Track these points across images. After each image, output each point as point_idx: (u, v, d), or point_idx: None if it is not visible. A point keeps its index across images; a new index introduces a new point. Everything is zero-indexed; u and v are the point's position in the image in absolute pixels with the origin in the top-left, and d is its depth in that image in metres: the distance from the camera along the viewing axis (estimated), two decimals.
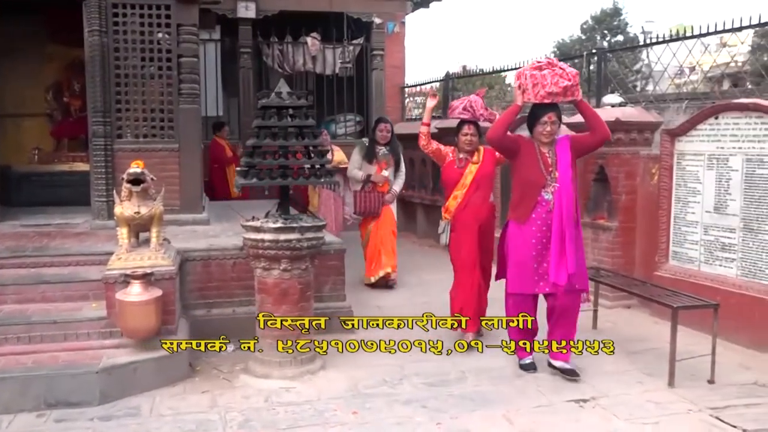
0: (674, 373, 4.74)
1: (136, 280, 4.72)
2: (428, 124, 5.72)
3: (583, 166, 7.40)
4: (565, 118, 5.83)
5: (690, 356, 4.93)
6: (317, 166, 5.03)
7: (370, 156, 7.64)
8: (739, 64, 8.23)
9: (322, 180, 5.09)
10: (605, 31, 37.63)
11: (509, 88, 21.34)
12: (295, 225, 4.84)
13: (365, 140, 7.87)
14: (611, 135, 6.80)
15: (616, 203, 7.02)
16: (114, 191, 5.58)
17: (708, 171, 6.08)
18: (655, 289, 5.55)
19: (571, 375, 4.84)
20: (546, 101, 4.70)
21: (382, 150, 7.66)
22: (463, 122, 5.61)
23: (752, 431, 4.04)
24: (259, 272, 4.94)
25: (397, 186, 7.78)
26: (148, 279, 4.78)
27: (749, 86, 8.04)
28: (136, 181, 5.03)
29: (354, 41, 11.88)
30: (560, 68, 4.69)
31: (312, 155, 5.03)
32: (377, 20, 11.74)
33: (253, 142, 4.92)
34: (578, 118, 5.48)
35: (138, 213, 5.06)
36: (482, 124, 5.67)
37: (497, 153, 5.40)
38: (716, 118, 6.02)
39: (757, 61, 14.52)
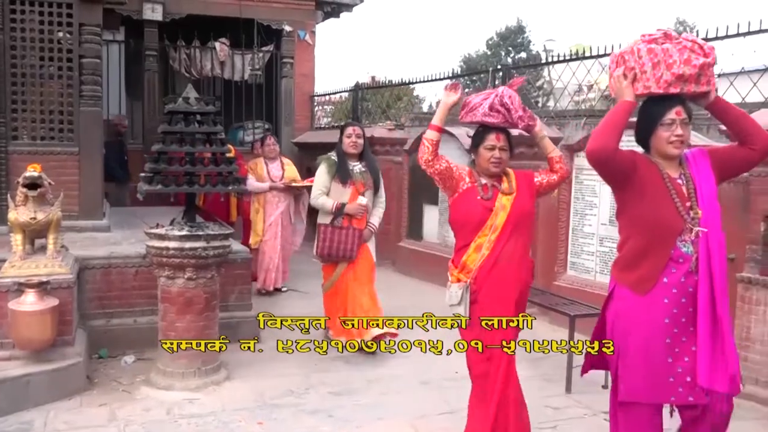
0: (571, 379, 4.94)
1: (30, 289, 4.52)
2: (440, 130, 3.73)
3: None
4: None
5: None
6: (225, 174, 4.96)
7: (343, 175, 5.69)
8: None
9: (230, 188, 5.03)
10: (510, 48, 38.87)
11: (417, 100, 21.65)
12: (201, 233, 4.76)
13: (331, 154, 5.84)
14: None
15: None
16: (8, 195, 5.33)
17: (604, 185, 6.34)
18: (554, 298, 5.77)
19: None
20: (671, 91, 3.06)
21: (357, 166, 5.79)
22: (487, 129, 3.69)
23: None
24: (163, 281, 4.82)
25: (377, 217, 5.93)
26: (43, 288, 4.59)
27: (641, 105, 8.48)
28: (32, 185, 4.82)
29: (264, 48, 11.80)
30: (688, 40, 3.11)
31: (220, 162, 4.96)
32: (288, 28, 11.70)
33: (159, 148, 4.81)
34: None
35: (34, 218, 4.84)
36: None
37: (543, 178, 3.81)
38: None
39: None
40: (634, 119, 3.21)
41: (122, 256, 5.66)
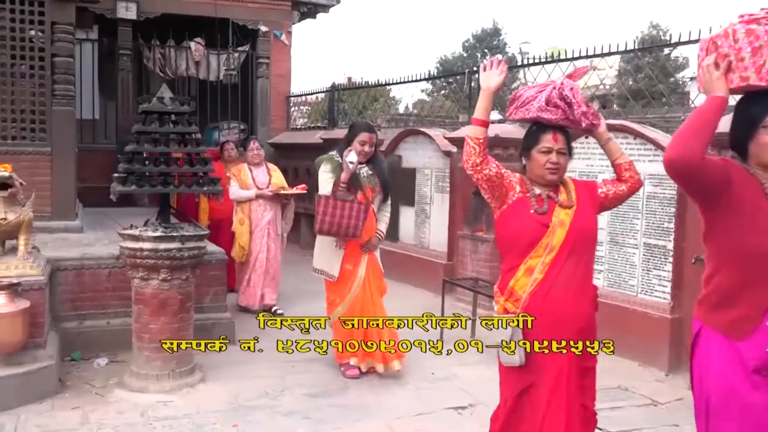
0: None
1: (1, 291, 4.45)
2: (486, 124, 3.09)
3: (464, 180, 7.66)
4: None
5: None
6: (200, 174, 4.93)
7: (351, 181, 5.04)
8: (608, 87, 8.77)
9: (205, 189, 5.00)
10: (485, 50, 39.09)
11: (393, 101, 21.67)
12: (175, 234, 4.72)
13: (333, 154, 5.19)
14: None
15: (494, 216, 7.26)
16: None
17: None
18: None
19: None
20: None
21: (363, 169, 5.12)
22: (542, 128, 3.08)
23: None
24: (137, 282, 4.78)
25: (385, 224, 5.31)
26: (14, 290, 4.52)
27: (616, 108, 8.58)
28: (3, 185, 4.75)
29: (239, 48, 11.74)
30: None
31: (195, 163, 4.93)
32: (263, 28, 11.66)
33: (133, 148, 4.77)
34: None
35: (4, 219, 4.77)
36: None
37: (609, 189, 3.17)
38: (587, 137, 6.35)
39: (623, 85, 15.50)
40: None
41: (95, 257, 5.60)
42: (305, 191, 7.19)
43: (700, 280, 2.65)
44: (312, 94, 12.89)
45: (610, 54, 6.86)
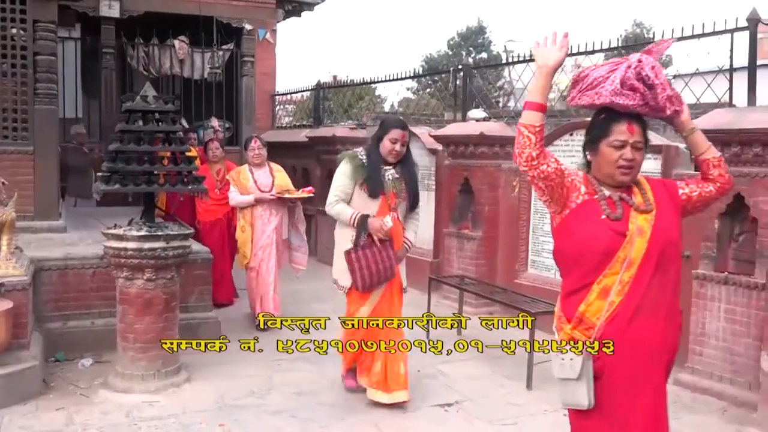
0: (532, 376, 4.99)
1: None
2: (544, 108, 2.55)
3: (449, 178, 7.67)
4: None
5: (547, 360, 5.18)
6: (184, 173, 4.90)
7: (373, 185, 4.44)
8: None
9: (190, 187, 4.97)
10: (470, 48, 39.15)
11: (378, 99, 21.67)
12: (160, 233, 4.69)
13: (359, 151, 4.57)
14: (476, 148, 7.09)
15: (480, 214, 7.30)
16: None
17: None
18: (515, 295, 5.83)
19: None
20: None
21: (389, 172, 4.52)
22: (613, 116, 2.55)
23: None
24: (122, 282, 4.75)
25: (413, 232, 4.75)
26: None
27: None
28: None
29: (224, 47, 11.69)
30: None
31: (179, 162, 4.90)
32: (248, 26, 11.62)
33: (117, 147, 4.73)
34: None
35: None
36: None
37: (693, 190, 2.67)
38: (571, 134, 6.41)
39: None
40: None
41: (79, 257, 5.56)
42: (312, 194, 6.63)
43: (685, 276, 2.69)
44: (297, 92, 12.86)
45: (594, 52, 6.89)
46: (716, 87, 5.80)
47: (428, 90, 29.52)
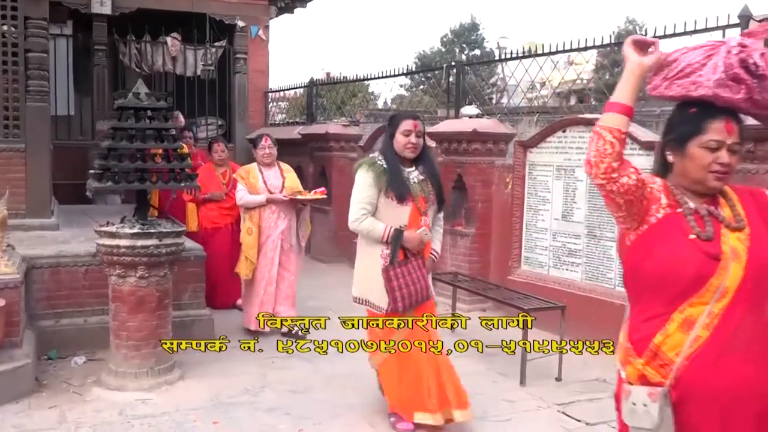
0: (525, 372, 5.00)
1: None
2: (632, 112, 2.16)
3: (442, 174, 7.65)
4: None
5: (540, 356, 5.21)
6: (177, 170, 4.89)
7: (398, 188, 3.98)
8: (585, 81, 8.82)
9: (182, 185, 4.96)
10: (463, 45, 39.16)
11: (372, 97, 21.65)
12: (153, 230, 4.68)
13: (376, 156, 4.13)
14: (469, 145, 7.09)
15: (473, 211, 7.31)
16: None
17: (557, 181, 6.47)
18: (508, 292, 5.84)
19: None
20: None
21: (413, 174, 4.06)
22: (708, 110, 2.15)
23: (594, 424, 4.34)
24: (114, 280, 4.73)
25: (439, 242, 4.36)
26: None
27: (593, 102, 8.64)
28: None
29: (216, 43, 11.65)
30: None
31: (172, 159, 4.89)
32: (241, 23, 11.57)
33: (109, 144, 4.72)
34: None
35: None
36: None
37: None
38: (564, 131, 6.42)
39: (600, 80, 15.62)
40: None
41: (71, 254, 5.54)
42: (324, 196, 6.23)
43: None
44: (290, 89, 12.84)
45: (586, 49, 6.90)
46: None
47: (421, 87, 29.54)
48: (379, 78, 10.05)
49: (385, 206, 3.98)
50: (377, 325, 4.09)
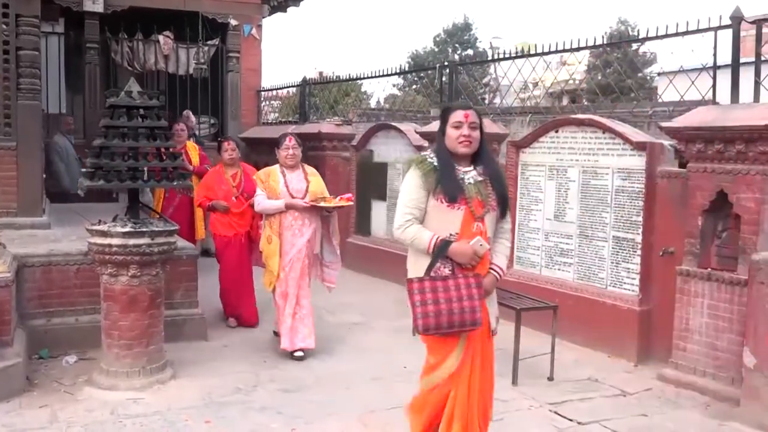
0: (518, 372, 5.01)
1: None
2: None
3: None
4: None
5: (532, 355, 5.22)
6: (169, 169, 4.88)
7: (450, 189, 3.35)
8: (577, 81, 8.84)
9: (175, 183, 4.95)
10: (456, 45, 39.17)
11: (365, 96, 21.65)
12: (145, 229, 4.67)
13: (427, 154, 3.50)
14: None
15: None
16: None
17: (549, 181, 6.48)
18: (500, 292, 5.80)
19: None
20: None
21: (470, 173, 3.41)
22: None
23: (586, 423, 4.35)
24: (106, 279, 4.72)
25: (504, 255, 3.54)
26: None
27: (585, 103, 8.66)
28: None
29: (209, 42, 11.62)
30: None
31: (164, 157, 4.88)
32: (233, 22, 11.54)
33: (101, 143, 4.70)
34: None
35: None
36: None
37: None
38: (556, 131, 6.43)
39: (592, 80, 15.66)
40: None
41: (63, 253, 5.52)
42: (351, 203, 5.83)
43: (669, 272, 2.67)
44: (283, 88, 12.83)
45: (579, 49, 6.92)
46: (700, 85, 5.85)
47: (414, 86, 29.55)
48: (372, 77, 10.05)
49: (435, 211, 3.36)
50: (434, 349, 3.40)
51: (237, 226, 6.34)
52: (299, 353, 5.42)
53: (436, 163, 3.39)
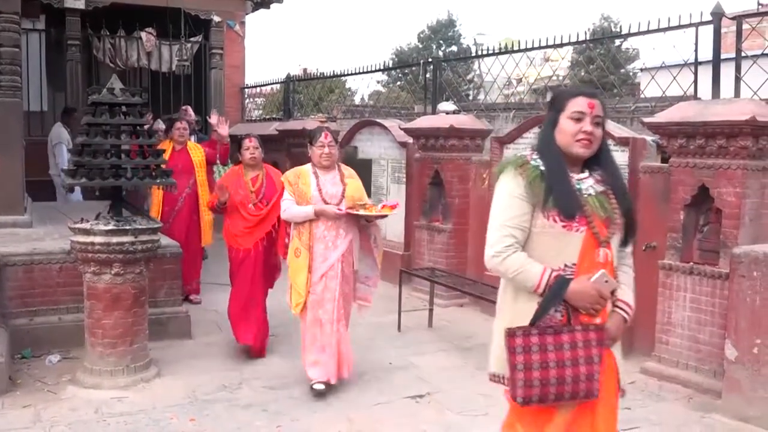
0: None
1: None
2: None
3: (420, 171, 7.69)
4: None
5: None
6: (152, 167, 4.86)
7: (566, 201, 2.47)
8: (560, 77, 8.88)
9: (158, 181, 4.93)
10: (440, 41, 39.21)
11: (349, 92, 21.62)
12: (128, 227, 4.65)
13: (528, 154, 2.63)
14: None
15: (451, 206, 7.33)
16: None
17: None
18: (485, 287, 5.86)
19: None
20: None
21: (587, 182, 2.55)
22: None
23: None
24: (89, 277, 4.69)
25: (630, 290, 2.71)
26: None
27: None
28: None
29: (192, 39, 11.56)
30: None
31: (147, 155, 4.86)
32: (216, 18, 11.49)
33: (83, 140, 4.67)
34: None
35: None
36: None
37: None
38: (540, 127, 6.44)
39: (576, 76, 15.75)
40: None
41: (45, 252, 5.47)
42: (396, 212, 4.87)
43: (651, 266, 2.66)
44: (267, 85, 12.80)
45: (562, 45, 6.95)
46: (681, 80, 5.89)
47: (398, 83, 29.53)
48: (356, 74, 10.04)
49: (543, 233, 2.49)
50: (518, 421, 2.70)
51: (255, 234, 5.37)
52: (319, 385, 4.61)
53: (543, 168, 2.53)
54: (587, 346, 2.45)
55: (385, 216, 4.74)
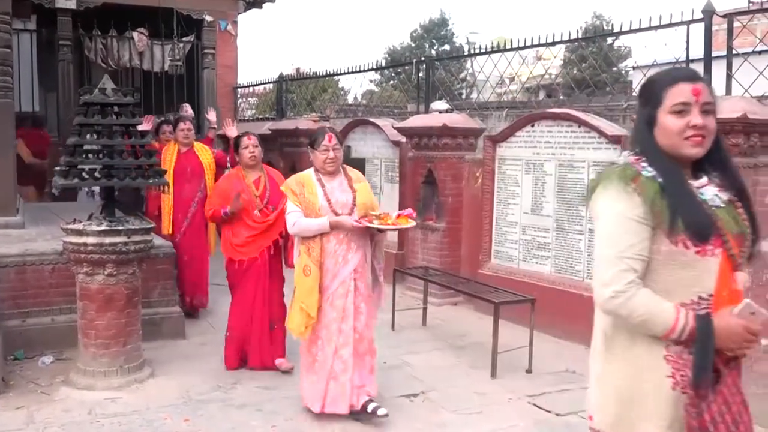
0: (496, 365, 5.04)
1: None
2: None
3: (413, 169, 7.69)
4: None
5: (510, 348, 5.25)
6: (145, 167, 4.84)
7: (697, 220, 1.94)
8: (553, 76, 8.89)
9: (151, 181, 4.91)
10: (433, 40, 39.21)
11: (342, 92, 21.61)
12: (121, 228, 4.64)
13: (634, 162, 2.03)
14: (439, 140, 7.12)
15: (444, 205, 7.34)
16: None
17: (526, 175, 6.53)
18: (479, 286, 5.88)
19: None
20: None
21: (710, 190, 2.02)
22: None
23: (564, 414, 4.39)
24: (82, 278, 4.68)
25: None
26: None
27: (561, 97, 8.71)
28: None
29: (184, 39, 11.53)
30: None
31: (139, 155, 4.84)
32: (209, 18, 11.47)
33: (75, 141, 4.66)
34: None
35: None
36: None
37: None
38: (533, 126, 6.47)
39: (568, 74, 15.77)
40: None
41: (38, 253, 5.45)
42: (413, 222, 4.33)
43: None
44: (259, 84, 12.78)
45: (555, 44, 6.97)
46: None
47: (391, 82, 29.54)
48: (348, 73, 10.04)
49: (668, 262, 1.99)
50: None
51: (260, 243, 4.97)
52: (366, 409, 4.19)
53: (660, 179, 1.99)
54: (737, 392, 1.94)
55: (407, 228, 4.34)
